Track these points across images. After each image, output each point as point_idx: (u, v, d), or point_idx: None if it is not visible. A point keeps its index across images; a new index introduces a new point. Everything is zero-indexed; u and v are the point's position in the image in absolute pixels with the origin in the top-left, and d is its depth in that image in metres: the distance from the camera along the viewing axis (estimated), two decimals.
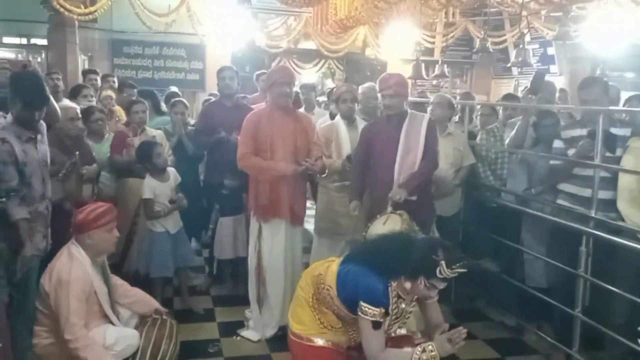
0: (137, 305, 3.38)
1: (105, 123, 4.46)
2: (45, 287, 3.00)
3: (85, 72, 6.43)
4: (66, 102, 4.20)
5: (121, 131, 4.50)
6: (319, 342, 2.55)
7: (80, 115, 3.95)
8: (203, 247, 5.50)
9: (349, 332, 2.61)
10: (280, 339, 3.75)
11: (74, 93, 4.92)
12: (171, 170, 4.19)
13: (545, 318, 3.85)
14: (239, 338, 3.89)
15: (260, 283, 3.94)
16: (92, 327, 3.04)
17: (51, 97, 3.34)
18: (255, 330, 3.90)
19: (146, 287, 3.71)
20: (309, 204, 4.67)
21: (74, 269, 3.01)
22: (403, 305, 2.48)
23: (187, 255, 4.28)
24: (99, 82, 6.10)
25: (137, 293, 3.44)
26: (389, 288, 2.39)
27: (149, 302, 3.41)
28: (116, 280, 3.38)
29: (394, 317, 2.47)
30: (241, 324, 4.01)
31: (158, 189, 4.04)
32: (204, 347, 3.73)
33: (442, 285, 2.38)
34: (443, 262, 2.30)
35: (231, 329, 3.99)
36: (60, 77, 5.52)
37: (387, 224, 3.04)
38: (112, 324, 3.16)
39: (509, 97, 5.07)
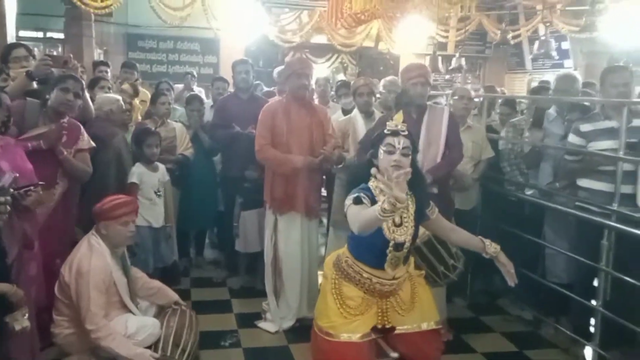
0: (157, 297, 3.40)
1: (131, 114, 4.49)
2: (65, 278, 3.03)
3: (95, 64, 6.41)
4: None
5: (142, 122, 4.52)
6: (343, 337, 2.52)
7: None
8: (219, 240, 5.50)
9: (368, 302, 2.57)
10: (298, 331, 3.80)
11: (92, 85, 4.94)
12: (161, 166, 4.13)
13: (564, 312, 3.83)
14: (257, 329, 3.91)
15: (276, 275, 3.96)
16: (111, 317, 3.06)
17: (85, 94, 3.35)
18: (273, 322, 3.91)
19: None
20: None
21: (94, 260, 3.03)
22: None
23: (168, 254, 4.13)
24: (109, 74, 6.10)
25: (157, 285, 3.45)
26: (370, 186, 2.47)
27: (169, 294, 3.42)
28: (136, 272, 3.40)
29: (391, 222, 2.43)
30: (258, 316, 4.03)
31: (145, 176, 3.96)
32: (222, 337, 3.75)
33: (394, 141, 2.44)
34: (388, 122, 2.51)
35: (249, 320, 4.01)
36: (109, 69, 5.58)
37: None
38: (132, 313, 3.18)
39: (537, 90, 4.99)
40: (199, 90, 6.65)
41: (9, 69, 3.71)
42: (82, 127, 3.51)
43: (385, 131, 2.48)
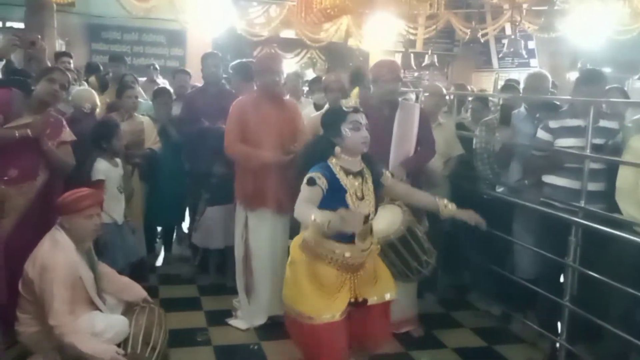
0: (125, 293, 3.31)
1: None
2: (29, 274, 2.92)
3: (57, 55, 6.21)
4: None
5: (107, 115, 4.40)
6: (326, 317, 2.54)
7: None
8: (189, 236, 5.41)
9: (342, 278, 2.61)
10: (269, 328, 3.77)
11: None
12: (119, 161, 3.98)
13: (532, 308, 3.89)
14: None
15: (247, 272, 3.91)
16: (78, 313, 2.97)
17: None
18: (244, 319, 3.87)
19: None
20: None
21: (58, 255, 2.93)
22: (356, 183, 2.56)
23: (137, 248, 4.07)
24: (72, 65, 5.93)
25: (125, 281, 3.37)
26: (329, 165, 2.54)
27: (137, 291, 3.34)
28: (103, 267, 3.31)
29: (354, 197, 2.52)
30: (228, 313, 3.98)
31: (110, 172, 3.82)
32: (192, 335, 3.69)
33: (359, 118, 2.53)
34: (342, 101, 2.62)
35: (219, 317, 3.95)
36: (71, 60, 5.48)
37: (388, 215, 3.03)
38: (99, 310, 3.10)
39: (507, 87, 5.05)
40: (162, 82, 6.51)
41: None
42: (63, 120, 3.54)
43: (346, 109, 2.55)
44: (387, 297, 2.76)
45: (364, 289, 2.67)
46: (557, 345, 3.50)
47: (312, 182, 2.41)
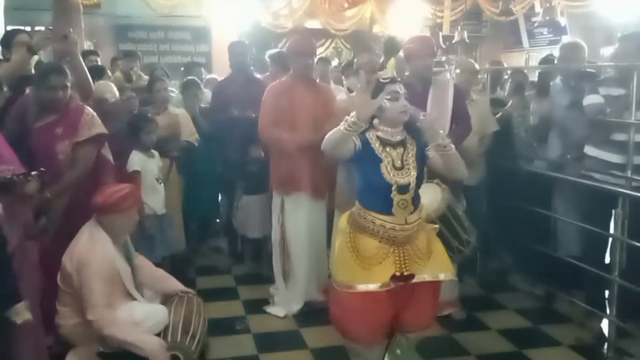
0: (161, 285, 3.31)
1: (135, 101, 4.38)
2: (67, 268, 2.94)
3: (85, 54, 6.27)
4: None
5: (142, 109, 4.40)
6: (361, 287, 2.52)
7: None
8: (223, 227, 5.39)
9: (384, 250, 2.56)
10: (307, 315, 3.74)
11: None
12: (156, 153, 3.99)
13: (577, 286, 3.76)
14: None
15: (285, 257, 3.88)
16: (116, 306, 2.97)
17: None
18: (281, 306, 3.84)
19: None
20: None
21: (96, 249, 2.94)
22: (395, 153, 2.55)
23: (175, 240, 4.05)
24: (99, 62, 5.98)
25: (162, 274, 3.36)
26: (365, 135, 2.56)
27: (173, 283, 3.33)
28: (141, 260, 3.31)
29: (390, 166, 2.52)
30: (266, 302, 3.95)
31: (145, 163, 3.83)
32: (230, 324, 3.68)
33: (397, 88, 2.52)
34: (379, 73, 2.64)
35: (256, 306, 3.93)
36: (98, 58, 5.64)
37: (427, 194, 2.94)
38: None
39: (545, 60, 4.90)
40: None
41: (11, 54, 3.73)
42: (84, 110, 3.26)
43: (383, 80, 2.53)
44: (442, 277, 2.66)
45: (413, 265, 2.58)
46: (607, 322, 3.38)
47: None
